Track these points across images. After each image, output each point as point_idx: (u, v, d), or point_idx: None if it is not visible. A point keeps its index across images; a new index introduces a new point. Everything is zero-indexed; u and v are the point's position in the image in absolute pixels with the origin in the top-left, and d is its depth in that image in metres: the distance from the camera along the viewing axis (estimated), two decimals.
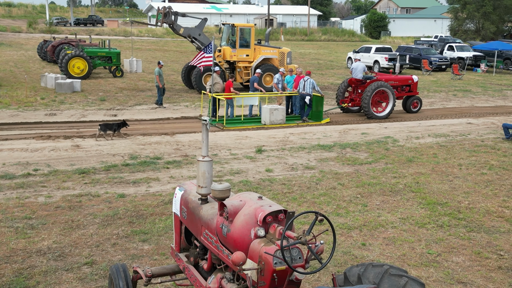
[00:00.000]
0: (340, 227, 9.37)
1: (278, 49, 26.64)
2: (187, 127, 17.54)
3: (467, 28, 74.95)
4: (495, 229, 9.51)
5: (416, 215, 10.07)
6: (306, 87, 18.97)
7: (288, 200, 10.65)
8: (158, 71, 20.89)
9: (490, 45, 39.88)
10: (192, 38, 25.24)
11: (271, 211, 4.63)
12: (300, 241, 4.34)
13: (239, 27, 25.39)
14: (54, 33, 61.21)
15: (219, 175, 12.12)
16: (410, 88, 21.80)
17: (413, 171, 13.02)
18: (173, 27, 24.77)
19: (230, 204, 4.80)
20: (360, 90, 20.93)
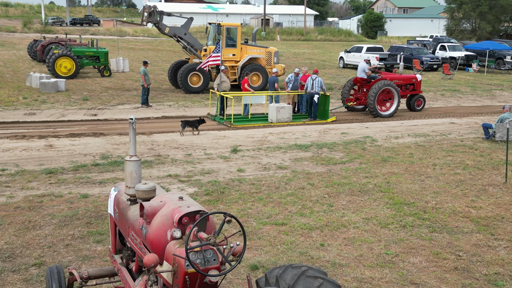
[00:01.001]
0: (302, 227, 9.29)
1: (265, 48, 26.58)
2: (167, 126, 17.46)
3: (463, 28, 74.87)
4: (458, 230, 9.42)
5: (380, 215, 9.99)
6: (314, 86, 19.10)
7: (253, 200, 10.57)
8: (144, 70, 20.82)
9: (481, 45, 39.80)
10: (178, 37, 25.16)
11: (188, 212, 4.55)
12: (208, 243, 4.26)
13: (225, 27, 25.33)
14: (49, 33, 61.19)
15: (188, 175, 12.04)
16: (414, 87, 22.06)
17: (386, 171, 12.94)
18: (159, 27, 24.69)
19: (148, 205, 4.72)
20: (365, 89, 21.07)
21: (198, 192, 10.89)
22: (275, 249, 8.37)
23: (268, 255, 8.18)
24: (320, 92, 19.15)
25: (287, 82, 20.40)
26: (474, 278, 7.67)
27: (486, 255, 8.42)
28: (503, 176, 12.53)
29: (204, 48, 25.29)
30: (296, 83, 20.27)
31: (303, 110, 20.15)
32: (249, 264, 7.77)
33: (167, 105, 21.44)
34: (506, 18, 75.63)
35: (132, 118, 5.32)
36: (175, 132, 16.62)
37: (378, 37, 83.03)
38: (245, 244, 4.56)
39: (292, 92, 20.24)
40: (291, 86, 20.24)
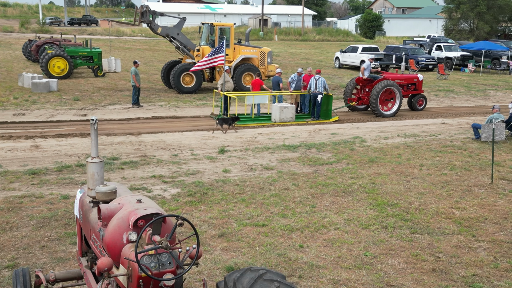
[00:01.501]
0: (282, 228, 9.23)
1: (258, 48, 26.51)
2: (156, 127, 17.40)
3: (461, 28, 74.80)
4: (439, 231, 9.36)
5: (362, 216, 9.93)
6: (317, 85, 19.19)
7: (236, 201, 10.51)
8: (134, 70, 20.75)
9: (477, 45, 39.73)
10: (170, 37, 25.09)
11: (144, 215, 4.48)
12: (159, 246, 4.20)
13: (218, 27, 25.27)
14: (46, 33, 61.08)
15: (173, 176, 11.98)
16: (415, 87, 22.22)
17: (372, 172, 12.88)
18: (151, 26, 24.62)
19: (105, 207, 4.66)
20: (368, 89, 21.16)
21: (181, 193, 10.83)
22: (253, 251, 8.31)
23: (246, 256, 8.12)
24: (323, 92, 19.27)
25: (290, 82, 20.51)
26: (452, 280, 7.61)
27: (465, 256, 8.36)
28: (489, 177, 12.46)
29: (197, 48, 25.22)
30: (299, 83, 20.40)
31: (306, 110, 20.27)
32: (225, 266, 7.71)
33: (159, 106, 21.37)
34: (504, 18, 75.57)
35: (93, 119, 5.25)
36: (163, 132, 16.55)
37: (376, 37, 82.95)
38: (199, 247, 4.50)
39: (295, 92, 20.33)
40: (294, 86, 20.36)
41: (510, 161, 14.23)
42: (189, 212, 9.78)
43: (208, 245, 8.41)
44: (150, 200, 4.95)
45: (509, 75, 37.50)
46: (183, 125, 17.85)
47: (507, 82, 33.39)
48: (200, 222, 9.31)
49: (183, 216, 4.40)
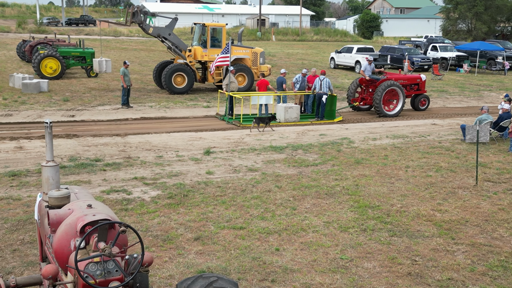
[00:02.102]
0: (260, 231, 9.14)
1: (250, 49, 26.41)
2: (144, 128, 17.32)
3: (459, 28, 74.70)
4: (419, 234, 9.27)
5: (342, 219, 9.84)
6: (322, 86, 19.33)
7: (216, 203, 10.41)
8: (123, 71, 20.66)
9: (473, 45, 39.63)
10: (162, 37, 24.98)
11: (91, 221, 4.38)
12: (103, 254, 4.10)
13: (210, 27, 25.18)
14: (43, 33, 60.94)
15: (155, 178, 11.89)
16: (418, 87, 22.52)
17: (357, 173, 12.79)
18: (142, 27, 24.52)
19: (54, 213, 4.56)
20: (371, 89, 21.28)
21: (161, 195, 10.73)
22: (228, 254, 8.22)
23: (220, 260, 8.03)
24: (328, 93, 19.40)
25: (294, 83, 20.64)
26: (426, 284, 7.52)
27: (442, 260, 8.27)
28: (475, 179, 12.36)
29: (189, 48, 25.13)
30: (304, 84, 20.52)
31: (309, 110, 20.42)
32: (198, 270, 7.62)
33: (149, 106, 21.28)
34: (502, 18, 75.50)
35: (47, 122, 5.16)
36: (150, 133, 16.46)
37: (374, 37, 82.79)
38: (143, 255, 4.40)
39: (300, 93, 20.47)
40: (299, 86, 20.47)
41: (497, 162, 14.15)
42: (167, 215, 9.70)
43: (183, 249, 8.32)
44: (102, 205, 4.86)
45: (504, 75, 37.39)
46: (171, 126, 17.76)
47: (501, 82, 33.29)
48: (177, 225, 9.22)
49: (126, 223, 4.30)
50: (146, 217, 9.54)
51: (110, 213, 4.62)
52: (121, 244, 4.43)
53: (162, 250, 8.21)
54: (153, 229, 9.01)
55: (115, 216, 4.67)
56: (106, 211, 4.66)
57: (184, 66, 24.54)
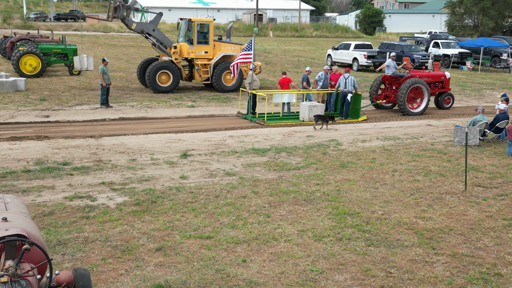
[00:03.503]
0: (228, 241, 8.94)
1: (240, 45, 26.19)
2: (121, 129, 17.12)
3: (465, 24, 74.42)
4: (398, 243, 9.07)
5: (318, 227, 9.64)
6: (347, 84, 19.44)
7: (185, 211, 10.21)
8: (102, 69, 20.46)
9: (476, 42, 39.39)
10: (146, 33, 24.78)
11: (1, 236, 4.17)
12: (5, 274, 3.89)
13: (197, 22, 24.97)
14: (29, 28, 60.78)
15: (124, 183, 11.69)
16: (442, 85, 22.57)
17: (341, 178, 12.59)
18: (125, 22, 24.32)
19: None
20: (395, 87, 21.40)
21: (127, 202, 10.53)
22: (190, 266, 8.02)
23: (181, 273, 7.83)
24: (353, 91, 19.52)
25: (317, 80, 20.73)
26: None
27: (419, 272, 8.07)
28: (468, 184, 12.15)
29: (174, 45, 24.92)
30: (326, 81, 20.60)
31: (331, 109, 20.53)
32: (154, 284, 7.42)
33: (129, 106, 21.09)
34: (510, 13, 75.19)
35: None
36: (127, 135, 16.25)
37: (377, 33, 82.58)
38: (51, 274, 4.18)
39: (323, 91, 20.58)
40: (321, 84, 20.58)
41: (490, 166, 13.95)
42: (131, 223, 9.50)
43: (142, 260, 8.12)
44: (21, 218, 4.64)
45: (509, 73, 37.20)
46: (150, 127, 17.57)
47: (505, 81, 33.08)
48: (139, 235, 9.01)
49: (32, 241, 4.09)
50: (108, 225, 9.34)
51: (29, 228, 4.41)
52: (36, 262, 4.23)
53: (119, 262, 8.00)
54: (113, 238, 8.81)
55: (35, 231, 4.46)
56: (24, 225, 4.44)
57: (169, 64, 24.35)
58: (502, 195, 11.64)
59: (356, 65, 36.62)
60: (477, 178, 12.88)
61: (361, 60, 36.31)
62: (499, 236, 9.44)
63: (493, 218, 10.28)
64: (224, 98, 23.75)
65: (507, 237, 9.40)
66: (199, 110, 20.94)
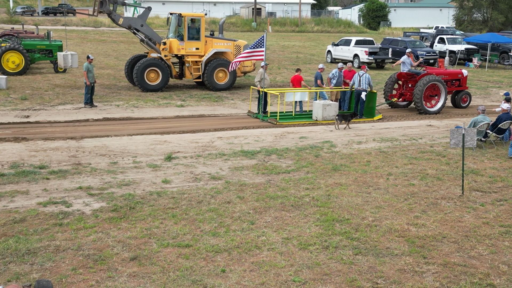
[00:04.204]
0: (208, 249, 8.90)
1: (233, 41, 26.17)
2: (104, 130, 17.08)
3: (473, 18, 74.35)
4: (388, 251, 9.03)
5: (304, 235, 9.60)
6: (362, 82, 19.54)
7: (165, 217, 10.17)
8: (87, 67, 20.41)
9: (483, 37, 39.35)
10: (133, 29, 24.74)
11: None
12: None
13: (187, 17, 24.91)
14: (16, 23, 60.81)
15: (102, 188, 11.65)
16: (459, 83, 22.74)
17: (332, 182, 12.55)
18: (112, 17, 24.29)
19: None
20: (410, 85, 21.53)
21: (104, 208, 10.49)
22: (165, 277, 7.98)
23: (155, 284, 7.79)
24: (368, 89, 19.60)
25: (330, 78, 20.84)
26: None
27: (408, 282, 8.03)
28: (465, 188, 12.10)
29: (163, 41, 24.89)
30: (340, 79, 20.73)
31: (345, 108, 20.71)
32: None
33: (115, 105, 21.05)
34: None
35: None
36: (110, 136, 16.21)
37: (381, 28, 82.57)
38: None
39: (336, 89, 20.70)
40: (335, 82, 20.70)
41: (491, 169, 13.90)
42: (106, 230, 9.45)
43: (115, 270, 8.08)
44: None
45: None
46: (135, 128, 17.54)
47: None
48: (114, 243, 8.97)
49: None
50: (81, 233, 9.30)
51: None
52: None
53: (90, 272, 7.96)
54: (86, 247, 8.77)
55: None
56: None
57: (158, 61, 24.32)
58: (501, 200, 11.59)
59: (357, 62, 36.51)
60: (476, 182, 12.83)
61: (362, 57, 36.22)
62: (494, 244, 9.40)
63: (490, 225, 10.24)
64: (216, 97, 23.73)
65: (503, 245, 9.36)
66: (188, 110, 20.90)
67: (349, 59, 37.19)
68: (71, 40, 48.38)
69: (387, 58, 36.87)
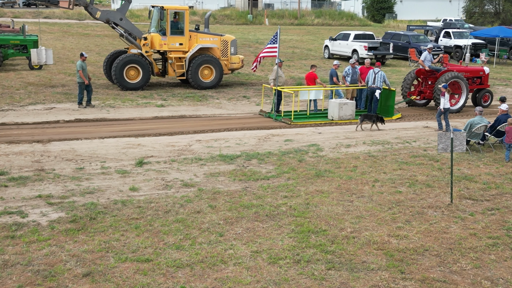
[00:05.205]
0: (169, 264, 8.83)
1: (219, 36, 26.11)
2: (74, 132, 17.03)
3: (485, 10, 74.30)
4: (363, 266, 8.96)
5: (276, 247, 9.53)
6: (376, 80, 19.77)
7: (127, 229, 10.10)
8: (81, 65, 20.33)
9: (491, 31, 39.27)
10: (112, 23, 24.68)
11: None
12: None
13: (170, 10, 24.84)
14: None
15: (64, 196, 11.57)
16: (481, 80, 22.99)
17: (313, 189, 12.48)
18: (89, 11, 24.26)
19: None
20: (430, 82, 21.76)
21: (63, 219, 10.42)
22: None
23: None
24: (383, 87, 19.76)
25: (344, 76, 21.04)
26: None
27: None
28: (454, 196, 12.02)
29: (144, 36, 24.83)
30: (355, 76, 20.90)
31: (361, 106, 21.04)
32: None
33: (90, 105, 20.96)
34: None
35: None
36: (80, 139, 16.15)
37: (386, 20, 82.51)
38: None
39: (352, 87, 20.91)
40: (350, 79, 20.89)
41: (486, 175, 13.83)
42: (61, 243, 9.38)
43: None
44: None
45: None
46: (108, 130, 17.48)
47: None
48: (68, 257, 8.89)
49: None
50: (34, 246, 9.23)
51: None
52: None
53: None
54: (37, 262, 8.70)
55: None
56: None
57: (138, 57, 24.27)
58: (493, 209, 11.53)
59: (356, 57, 36.40)
60: (469, 189, 12.77)
61: (361, 52, 36.14)
62: (479, 258, 9.33)
63: (477, 237, 10.17)
64: (200, 96, 23.68)
65: (489, 259, 9.29)
66: (168, 110, 20.84)
67: (348, 55, 37.16)
68: (51, 34, 48.43)
69: (388, 54, 36.79)
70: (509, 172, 14.13)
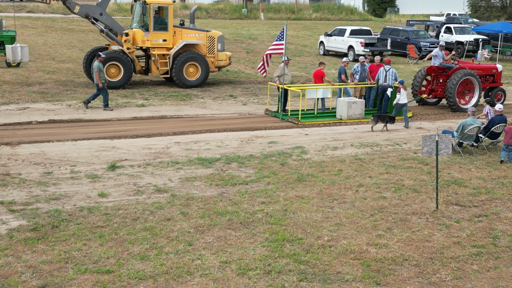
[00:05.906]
0: (131, 276, 8.74)
1: (205, 32, 26.05)
2: (47, 134, 16.94)
3: (491, 4, 74.27)
4: (337, 277, 8.88)
5: (246, 257, 9.45)
6: (387, 77, 19.88)
7: (90, 238, 10.00)
8: (98, 66, 20.20)
9: (494, 27, 39.20)
10: (92, 18, 24.58)
11: None
12: None
13: (153, 5, 24.75)
14: None
15: (27, 203, 11.48)
16: (494, 78, 23.11)
17: (293, 194, 12.41)
18: (66, 5, 24.16)
19: None
20: (442, 80, 21.88)
21: (23, 227, 10.32)
22: None
23: None
24: (395, 85, 19.78)
25: (353, 74, 21.12)
26: None
27: None
28: (440, 202, 11.96)
29: (126, 32, 24.73)
30: (364, 74, 20.98)
31: (370, 105, 21.22)
32: None
33: (66, 105, 20.91)
34: None
35: None
36: (52, 141, 16.06)
37: (387, 15, 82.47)
38: None
39: (361, 85, 21.03)
40: (358, 77, 20.99)
41: (477, 179, 13.77)
42: (18, 254, 9.29)
43: None
44: None
45: None
46: (83, 132, 17.39)
47: None
48: (24, 269, 8.80)
49: None
50: None
51: None
52: None
53: None
54: None
55: None
56: None
57: (119, 54, 24.18)
58: (480, 216, 11.46)
59: (352, 55, 36.39)
60: (457, 194, 12.71)
61: (357, 49, 36.03)
62: (461, 268, 9.26)
63: (461, 245, 10.11)
64: (184, 95, 23.61)
65: (471, 269, 9.22)
66: (149, 110, 20.76)
67: (344, 51, 37.10)
68: (34, 29, 48.25)
69: (386, 50, 36.68)
70: (501, 176, 14.06)
